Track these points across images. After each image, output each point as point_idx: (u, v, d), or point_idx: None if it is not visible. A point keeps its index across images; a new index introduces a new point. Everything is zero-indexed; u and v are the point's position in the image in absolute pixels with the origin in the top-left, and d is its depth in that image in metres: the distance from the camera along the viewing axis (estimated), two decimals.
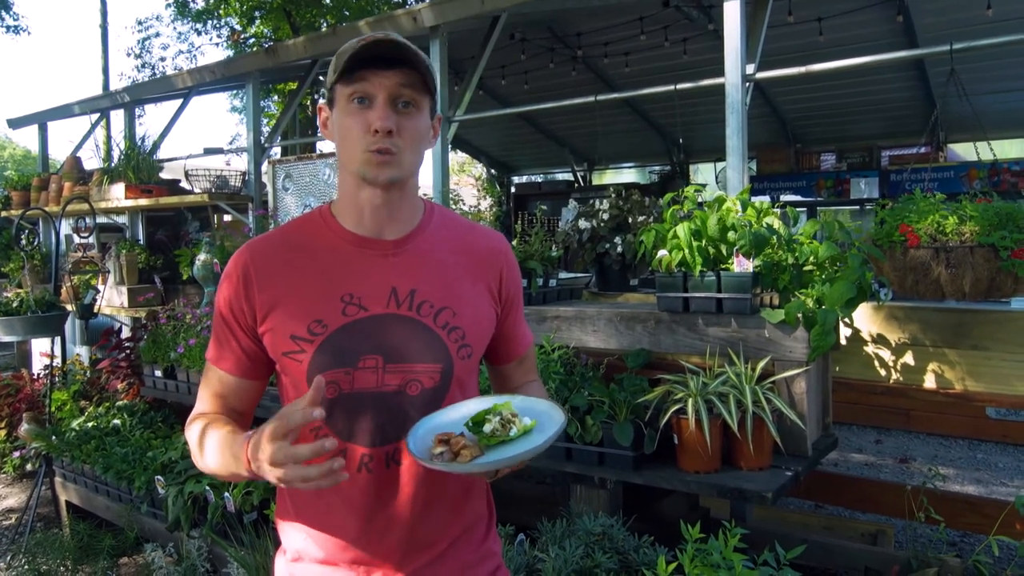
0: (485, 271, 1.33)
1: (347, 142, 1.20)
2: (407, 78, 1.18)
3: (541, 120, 8.98)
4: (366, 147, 1.18)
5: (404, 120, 1.19)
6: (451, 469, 1.11)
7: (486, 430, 1.17)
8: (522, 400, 1.25)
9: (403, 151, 1.20)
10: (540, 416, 1.21)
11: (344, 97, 1.19)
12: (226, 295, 1.26)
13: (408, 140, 1.20)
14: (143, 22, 15.85)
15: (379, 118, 1.16)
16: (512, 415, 1.19)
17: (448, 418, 1.22)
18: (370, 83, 1.17)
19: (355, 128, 1.18)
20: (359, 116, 1.18)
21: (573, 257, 3.81)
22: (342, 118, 1.20)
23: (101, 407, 4.48)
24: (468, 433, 1.18)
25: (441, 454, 1.12)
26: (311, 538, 1.27)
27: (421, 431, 1.18)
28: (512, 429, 1.17)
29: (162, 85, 6.46)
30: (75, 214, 5.58)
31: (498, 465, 1.11)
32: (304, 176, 4.71)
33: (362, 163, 1.19)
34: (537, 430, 1.18)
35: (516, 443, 1.16)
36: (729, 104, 3.02)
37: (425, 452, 1.14)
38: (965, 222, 2.49)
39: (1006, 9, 5.10)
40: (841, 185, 8.14)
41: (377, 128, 1.16)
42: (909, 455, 5.02)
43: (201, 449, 1.22)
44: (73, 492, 4.04)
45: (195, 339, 3.72)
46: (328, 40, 4.55)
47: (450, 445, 1.14)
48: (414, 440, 1.15)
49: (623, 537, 2.13)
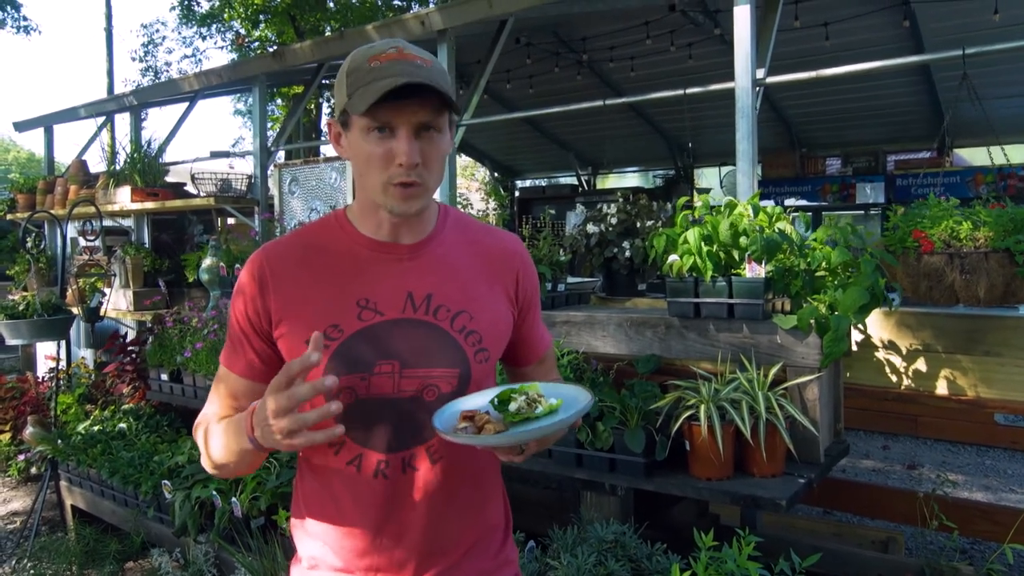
0: (501, 273, 1.32)
1: (368, 171, 1.16)
2: (429, 104, 1.14)
3: (545, 124, 8.98)
4: (389, 179, 1.15)
5: (428, 147, 1.16)
6: (474, 442, 1.09)
7: (511, 408, 1.16)
8: (547, 384, 1.24)
9: (428, 179, 1.18)
10: (566, 396, 1.20)
11: (362, 125, 1.15)
12: (241, 299, 1.25)
13: (433, 166, 1.18)
14: (148, 26, 15.91)
15: (404, 153, 1.12)
16: (538, 395, 1.18)
17: (474, 401, 1.21)
18: (392, 115, 1.13)
19: (377, 159, 1.14)
20: (380, 145, 1.14)
21: (581, 261, 3.80)
22: (361, 144, 1.16)
23: (107, 411, 4.47)
24: (493, 411, 1.17)
25: (465, 428, 1.12)
26: (327, 545, 1.26)
27: (447, 413, 1.17)
28: (538, 408, 1.16)
29: (168, 88, 6.46)
30: (81, 217, 5.58)
31: (523, 438, 1.10)
32: (310, 180, 4.70)
33: (385, 196, 1.17)
34: (563, 409, 1.17)
35: (541, 421, 1.14)
36: (739, 108, 3.01)
37: (449, 428, 1.12)
38: (979, 227, 2.47)
39: (1014, 14, 5.09)
40: (847, 190, 8.12)
41: (403, 163, 1.13)
42: (917, 461, 4.99)
43: (207, 442, 1.22)
44: (79, 496, 4.02)
45: (202, 343, 3.71)
46: (335, 44, 4.55)
47: (474, 421, 1.13)
48: (440, 420, 1.14)
49: (635, 544, 2.11)
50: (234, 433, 1.15)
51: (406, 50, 1.15)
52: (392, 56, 1.13)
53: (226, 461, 1.20)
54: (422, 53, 1.17)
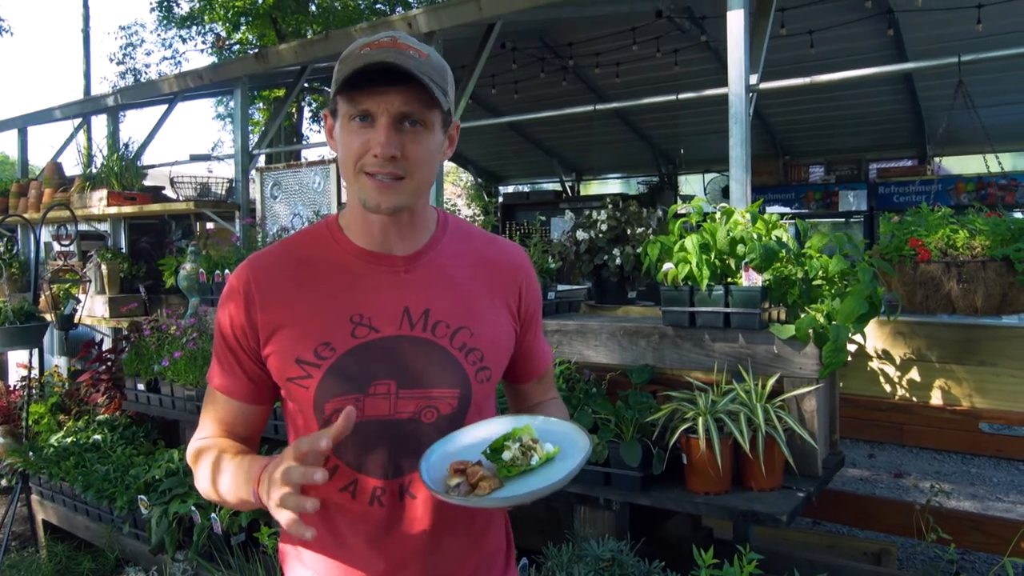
0: (503, 286, 1.24)
1: (345, 159, 1.10)
2: (414, 95, 1.06)
3: (530, 130, 8.94)
4: (362, 167, 1.08)
5: (410, 142, 1.08)
6: (468, 503, 1.02)
7: (505, 458, 1.08)
8: (543, 422, 1.16)
9: (410, 175, 1.10)
10: (563, 441, 1.12)
11: (345, 111, 1.09)
12: (227, 314, 1.17)
13: (416, 163, 1.09)
14: (126, 27, 15.68)
15: (379, 143, 1.06)
16: (533, 441, 1.10)
17: (463, 443, 1.13)
18: (372, 102, 1.06)
19: (354, 145, 1.08)
20: (359, 134, 1.08)
21: (569, 269, 3.74)
22: (343, 134, 1.10)
23: (80, 421, 4.34)
24: (486, 461, 1.09)
25: (458, 486, 1.04)
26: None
27: (435, 457, 1.09)
28: (533, 457, 1.08)
29: (147, 90, 6.33)
30: (55, 221, 5.43)
31: (519, 501, 1.02)
32: (293, 184, 4.61)
33: (359, 187, 1.10)
34: (560, 458, 1.09)
35: (538, 473, 1.07)
36: (733, 114, 2.97)
37: (440, 483, 1.05)
38: (975, 236, 2.45)
39: (996, 24, 5.12)
40: (830, 197, 8.16)
41: (377, 153, 1.06)
42: (904, 470, 4.98)
43: (214, 476, 1.13)
44: (51, 511, 3.89)
45: (180, 352, 3.60)
46: (320, 45, 4.46)
47: (467, 476, 1.05)
48: (427, 468, 1.07)
49: (632, 562, 2.05)
50: (243, 481, 1.07)
51: (401, 40, 1.08)
52: (385, 44, 1.07)
53: (228, 500, 1.13)
54: (420, 46, 1.09)
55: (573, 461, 1.05)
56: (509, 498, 1.02)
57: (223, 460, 1.13)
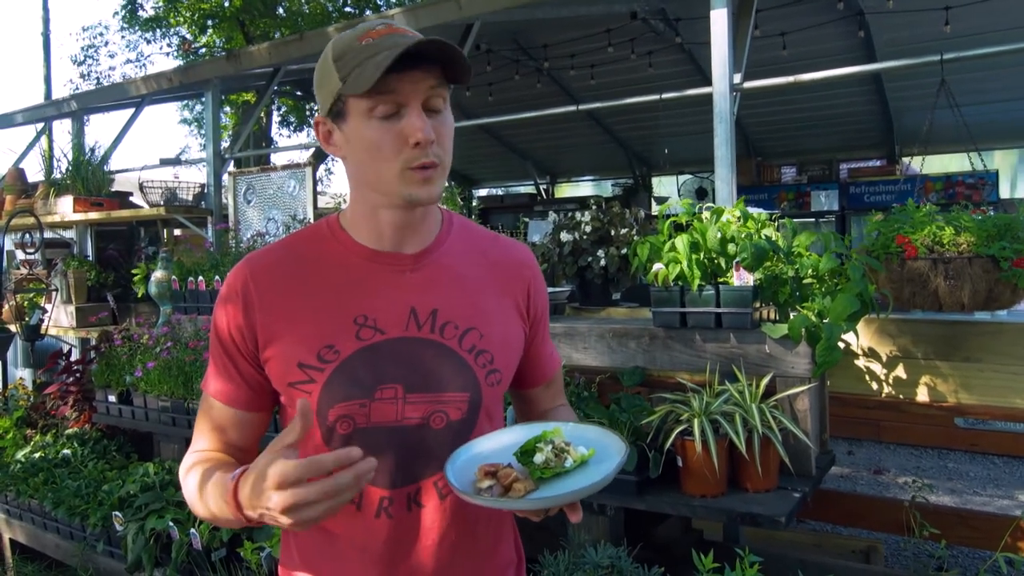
0: (512, 286, 1.20)
1: (377, 161, 1.02)
2: (435, 75, 1.01)
3: (504, 133, 8.91)
4: (406, 164, 1.01)
5: (439, 123, 1.03)
6: (502, 506, 0.97)
7: (537, 460, 1.03)
8: (573, 427, 1.12)
9: (442, 160, 1.05)
10: (595, 444, 1.07)
11: (363, 109, 1.01)
12: (224, 316, 1.10)
13: (446, 146, 1.05)
14: (89, 28, 15.33)
15: (420, 129, 0.99)
16: (565, 443, 1.06)
17: (488, 447, 1.08)
18: (402, 93, 0.99)
19: (387, 145, 1.01)
20: (388, 129, 1.00)
21: (553, 271, 3.71)
22: (363, 133, 1.02)
23: (48, 435, 4.18)
24: (517, 464, 1.04)
25: (490, 488, 0.99)
26: None
27: (460, 461, 1.04)
28: (567, 460, 1.03)
29: (114, 93, 6.17)
30: (19, 229, 5.25)
31: (555, 502, 0.97)
32: (268, 188, 4.51)
33: (403, 184, 1.03)
34: (595, 460, 1.05)
35: (573, 476, 1.02)
36: (717, 113, 2.96)
37: (469, 485, 1.00)
38: (961, 233, 2.46)
39: (964, 26, 5.22)
40: (802, 198, 8.26)
41: (419, 140, 1.00)
42: (882, 466, 5.04)
43: (199, 492, 1.05)
44: (19, 530, 3.74)
45: (154, 362, 3.48)
46: (294, 46, 4.38)
47: (498, 478, 1.00)
48: (454, 471, 1.01)
49: (631, 569, 2.01)
50: (218, 496, 0.98)
51: (395, 25, 1.03)
52: (383, 32, 1.01)
53: (218, 521, 1.04)
54: (410, 30, 1.05)
55: (612, 462, 1.01)
56: (547, 499, 0.97)
57: (203, 475, 1.05)
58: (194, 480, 1.06)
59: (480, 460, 1.04)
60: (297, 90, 8.23)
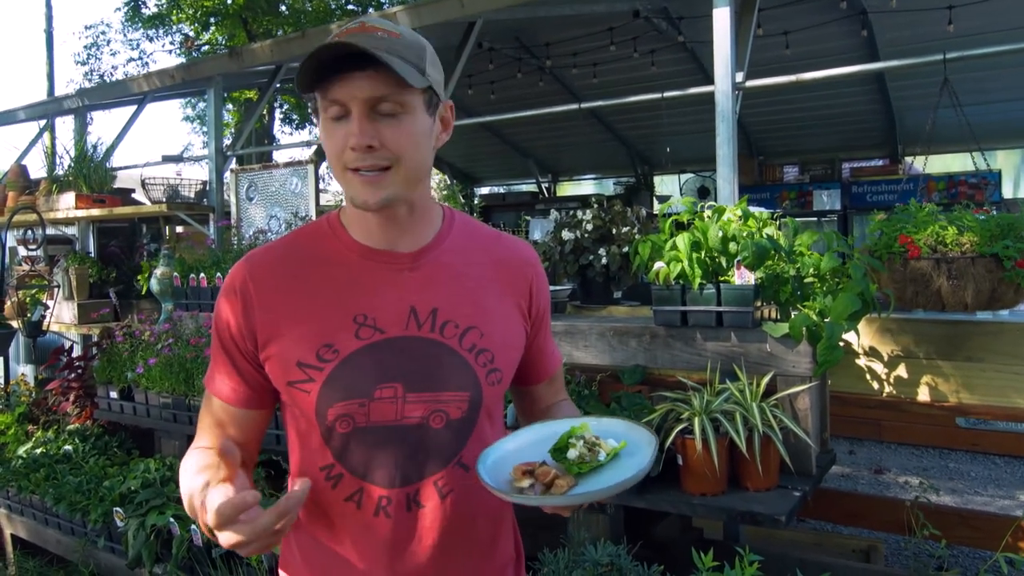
0: (513, 285, 1.19)
1: (330, 159, 1.05)
2: (384, 78, 0.99)
3: (506, 131, 8.90)
4: (345, 164, 1.03)
5: (387, 128, 1.01)
6: (548, 503, 0.98)
7: (571, 456, 1.04)
8: (598, 422, 1.13)
9: (396, 164, 1.03)
10: (623, 437, 1.08)
11: (321, 107, 1.04)
12: (223, 315, 1.11)
13: (398, 150, 1.03)
14: (92, 27, 15.34)
15: (353, 134, 1.00)
16: (595, 438, 1.07)
17: (516, 445, 1.09)
18: (340, 92, 1.00)
19: (333, 145, 1.03)
20: (337, 129, 1.02)
21: (555, 269, 3.70)
22: (322, 131, 1.05)
23: (50, 431, 4.19)
24: (551, 460, 1.05)
25: (532, 486, 0.99)
26: None
27: (490, 460, 1.05)
28: (600, 453, 1.05)
29: (116, 89, 6.17)
30: (21, 225, 5.26)
31: (601, 495, 0.98)
32: (270, 185, 4.51)
33: (348, 186, 1.04)
34: (626, 453, 1.06)
35: (608, 469, 1.03)
36: (719, 112, 2.96)
37: (505, 485, 1.00)
38: (964, 233, 2.46)
39: (967, 25, 5.20)
40: (804, 197, 8.24)
41: (353, 146, 1.00)
42: (883, 465, 5.03)
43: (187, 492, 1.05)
44: (20, 525, 3.74)
45: (155, 358, 3.49)
46: (296, 43, 4.37)
47: (536, 476, 1.00)
48: (486, 471, 1.02)
49: (631, 567, 2.01)
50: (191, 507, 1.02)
51: (370, 23, 1.01)
52: (353, 30, 1.00)
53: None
54: (391, 26, 1.03)
55: (644, 453, 1.03)
56: (589, 493, 0.98)
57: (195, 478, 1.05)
58: (186, 478, 1.07)
59: (510, 460, 1.05)
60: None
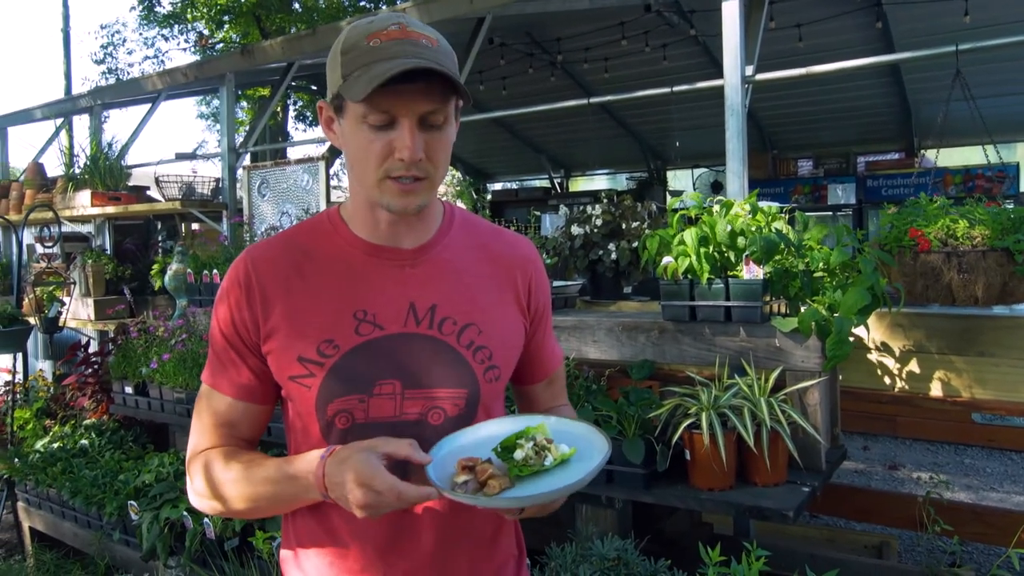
0: (513, 281, 1.19)
1: (363, 164, 1.03)
2: (436, 92, 0.99)
3: (518, 127, 8.89)
4: (386, 173, 1.02)
5: (433, 139, 1.02)
6: (474, 502, 0.96)
7: (517, 457, 1.02)
8: (557, 422, 1.10)
9: (431, 175, 1.04)
10: (578, 442, 1.06)
11: (358, 113, 1.01)
12: (225, 308, 1.11)
13: (437, 162, 1.04)
14: (107, 26, 15.48)
15: (407, 147, 0.99)
16: (547, 441, 1.04)
17: (474, 439, 1.07)
18: (395, 105, 0.98)
19: (374, 152, 1.01)
20: (378, 137, 1.00)
21: (564, 264, 3.70)
22: (355, 134, 1.02)
23: (67, 426, 4.25)
24: (496, 459, 1.03)
25: (465, 483, 0.98)
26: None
27: (443, 452, 1.04)
28: (547, 458, 1.02)
29: (131, 88, 6.23)
30: (38, 223, 5.32)
31: (531, 501, 0.96)
32: (282, 182, 4.54)
33: (382, 192, 1.03)
34: (576, 459, 1.03)
35: (551, 475, 1.01)
36: (729, 106, 2.94)
37: (446, 480, 0.99)
38: (975, 226, 2.43)
39: (984, 16, 5.13)
40: (819, 191, 8.17)
41: (404, 157, 0.99)
42: (898, 461, 4.99)
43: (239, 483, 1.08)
44: (38, 518, 3.81)
45: (169, 354, 3.53)
46: (308, 41, 4.39)
47: (475, 473, 0.99)
48: (434, 465, 1.01)
49: (638, 561, 2.01)
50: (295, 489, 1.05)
51: (409, 27, 1.00)
52: (394, 35, 0.99)
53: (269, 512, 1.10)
54: (426, 30, 1.03)
55: (589, 465, 0.99)
56: (518, 498, 0.97)
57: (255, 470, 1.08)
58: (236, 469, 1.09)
59: (462, 453, 1.04)
60: (312, 84, 8.27)
